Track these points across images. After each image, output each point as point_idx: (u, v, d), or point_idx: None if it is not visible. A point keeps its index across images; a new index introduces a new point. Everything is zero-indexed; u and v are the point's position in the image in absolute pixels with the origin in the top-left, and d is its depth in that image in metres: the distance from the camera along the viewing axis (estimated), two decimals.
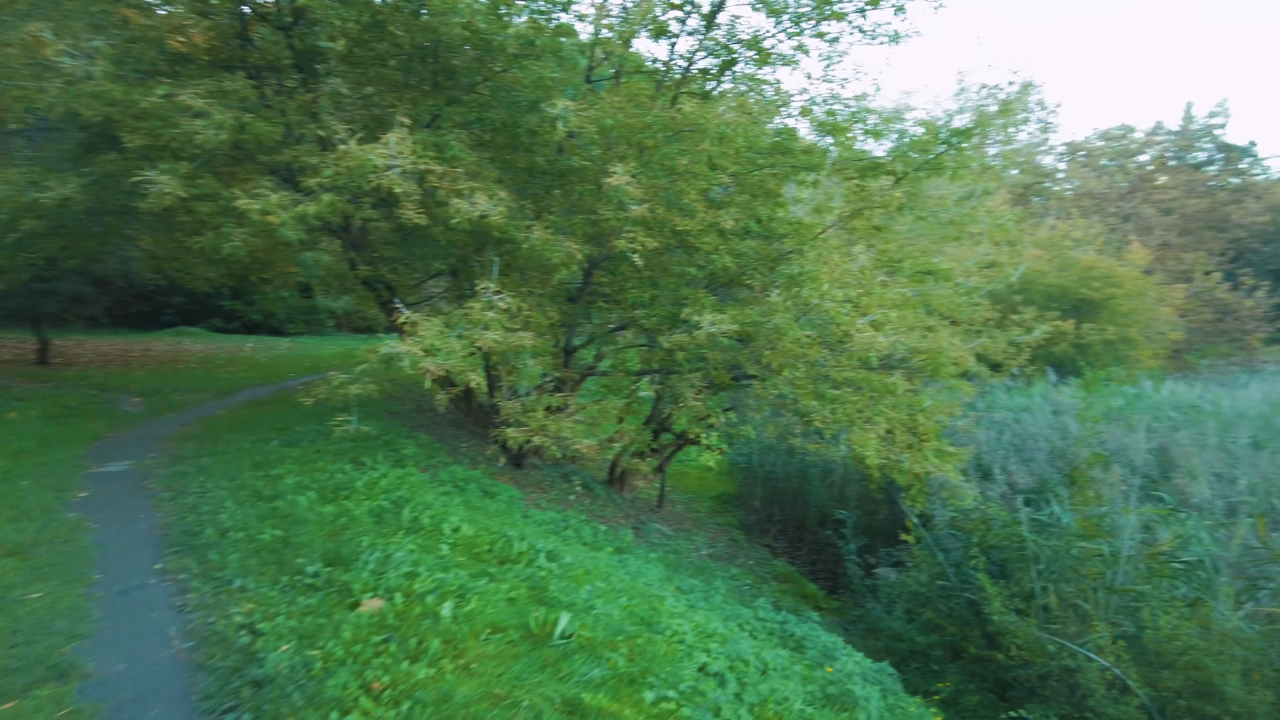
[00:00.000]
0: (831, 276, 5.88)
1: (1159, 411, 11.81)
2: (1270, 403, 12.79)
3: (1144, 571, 4.86)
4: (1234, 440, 10.03)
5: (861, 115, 6.91)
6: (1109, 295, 16.06)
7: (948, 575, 5.96)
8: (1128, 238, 20.51)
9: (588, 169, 6.33)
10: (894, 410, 6.42)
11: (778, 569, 8.94)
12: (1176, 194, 23.38)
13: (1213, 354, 20.10)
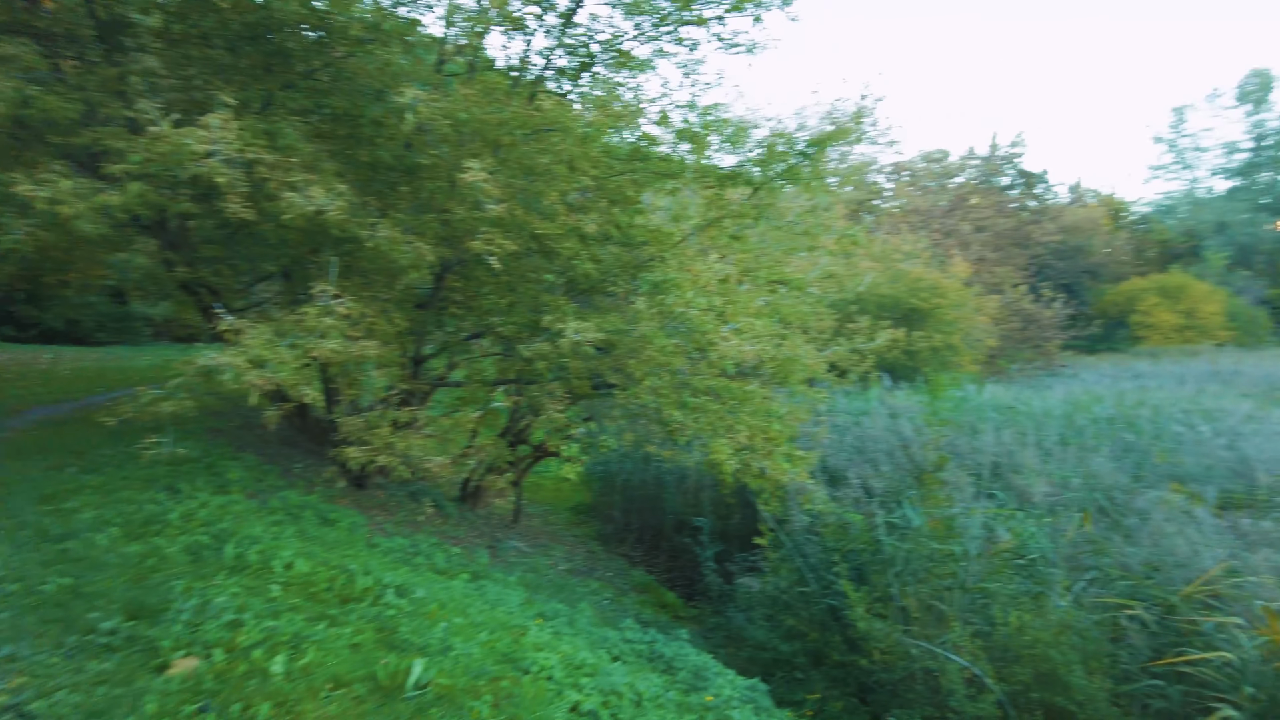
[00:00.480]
0: (695, 285, 5.79)
1: (982, 413, 12.77)
2: (1071, 403, 14.16)
3: (990, 570, 5.05)
4: (1046, 438, 10.97)
5: (720, 124, 6.89)
6: (935, 305, 17.22)
7: (807, 581, 6.00)
8: (950, 252, 22.23)
9: (439, 165, 5.90)
10: (752, 418, 6.44)
11: (636, 579, 8.82)
12: (988, 213, 25.66)
13: (1021, 359, 22.10)
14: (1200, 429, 10.86)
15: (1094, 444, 10.29)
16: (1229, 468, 8.82)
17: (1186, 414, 12.44)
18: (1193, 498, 7.02)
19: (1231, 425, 11.19)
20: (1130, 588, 4.53)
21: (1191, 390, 16.15)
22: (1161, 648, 3.99)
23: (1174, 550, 4.62)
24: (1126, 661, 4.03)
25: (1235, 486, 8.10)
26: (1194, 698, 3.59)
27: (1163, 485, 7.82)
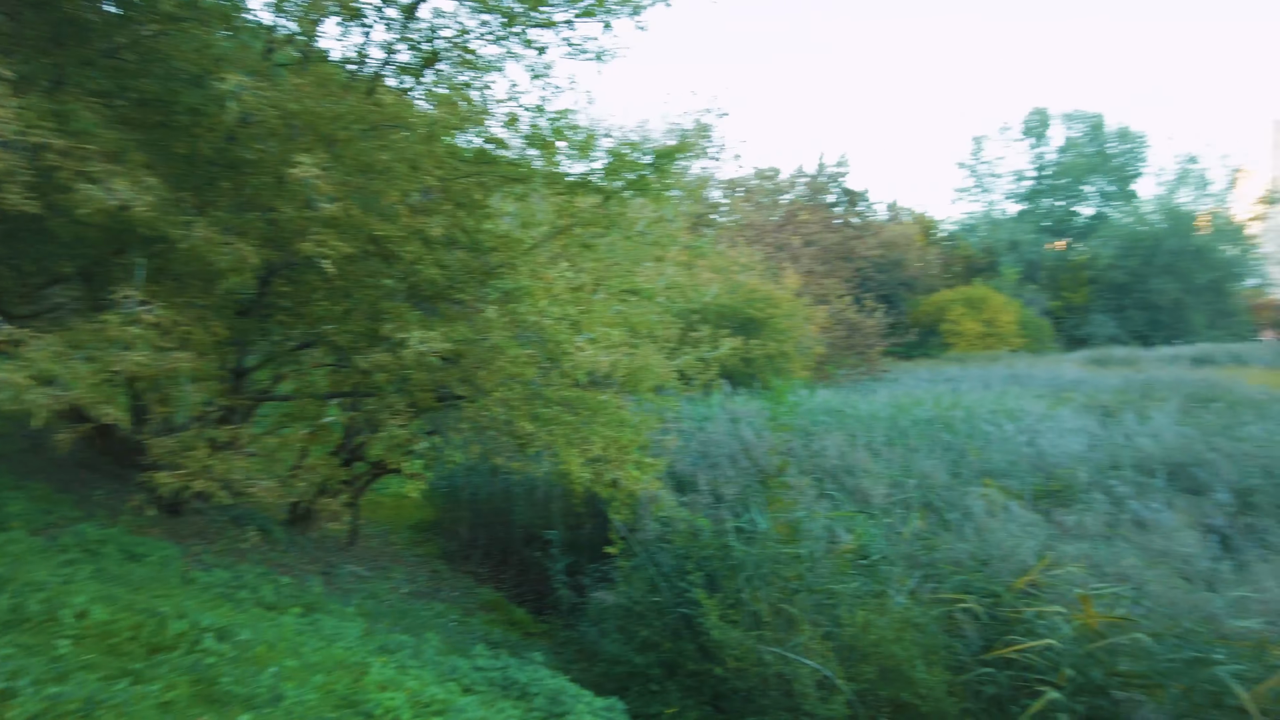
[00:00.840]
0: (548, 293, 5.64)
1: (814, 416, 13.44)
2: (894, 406, 15.19)
3: (835, 571, 5.23)
4: (874, 439, 11.68)
5: (569, 130, 6.78)
6: (770, 315, 17.97)
7: (660, 590, 5.98)
8: (782, 264, 23.34)
9: (266, 160, 5.40)
10: (606, 428, 6.36)
11: (484, 597, 8.51)
12: (816, 229, 27.23)
13: (846, 365, 23.53)
14: (1005, 427, 11.93)
15: (916, 444, 11.06)
16: (1030, 463, 9.72)
17: (993, 414, 13.65)
18: (1008, 493, 7.68)
19: (1030, 424, 12.38)
20: (962, 582, 4.85)
21: (996, 392, 17.76)
22: (992, 637, 4.27)
23: (998, 544, 4.99)
24: (961, 652, 4.28)
25: (1036, 479, 8.95)
26: (1020, 682, 3.86)
27: (977, 481, 8.51)
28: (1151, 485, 8.13)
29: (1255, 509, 7.90)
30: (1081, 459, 9.76)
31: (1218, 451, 9.47)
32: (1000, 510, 6.37)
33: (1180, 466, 9.10)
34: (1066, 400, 15.66)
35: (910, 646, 4.36)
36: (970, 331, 39.03)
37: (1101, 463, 9.61)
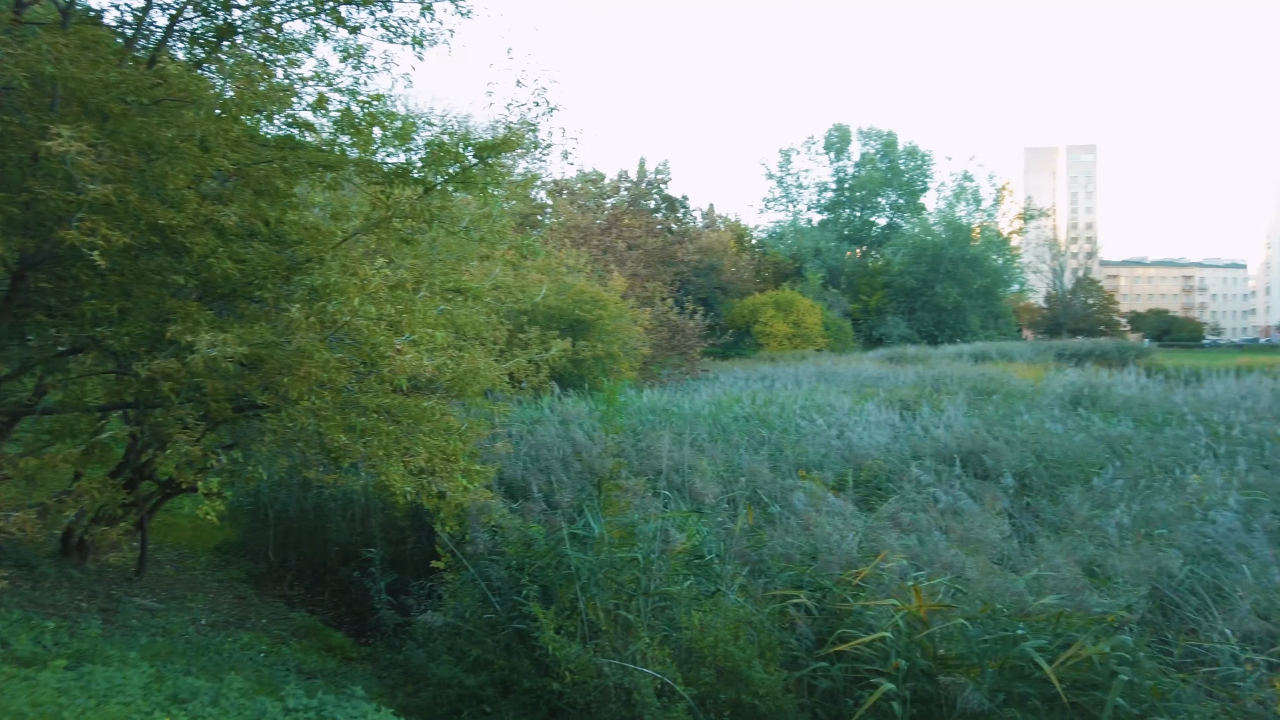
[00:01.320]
0: (363, 291, 5.19)
1: (643, 416, 13.58)
2: (715, 404, 15.69)
3: (670, 573, 5.19)
4: (699, 437, 11.95)
5: (386, 117, 6.33)
6: (597, 316, 18.01)
7: (492, 605, 5.69)
8: (609, 267, 23.52)
9: (17, 132, 4.58)
10: (431, 437, 5.98)
11: (298, 622, 7.80)
12: (639, 233, 27.71)
13: (669, 365, 24.09)
14: (818, 422, 12.61)
15: (738, 440, 11.44)
16: (840, 455, 10.30)
17: (806, 409, 14.43)
18: (822, 483, 8.04)
19: (839, 418, 13.16)
20: (793, 577, 4.96)
21: (806, 389, 18.81)
22: (824, 631, 4.39)
23: (824, 537, 5.16)
24: (795, 648, 4.36)
25: (846, 470, 9.48)
26: (853, 674, 3.98)
27: (794, 474, 8.89)
28: (950, 472, 8.83)
29: (1031, 490, 8.82)
30: (887, 450, 10.49)
31: (1000, 439, 10.49)
32: (821, 502, 6.64)
33: (971, 454, 9.99)
34: (870, 395, 16.85)
35: (747, 646, 4.38)
36: (780, 332, 41.38)
37: (905, 453, 10.37)
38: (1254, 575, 5.31)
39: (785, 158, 72.60)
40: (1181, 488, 7.83)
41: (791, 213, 73.02)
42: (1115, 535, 5.91)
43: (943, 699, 3.52)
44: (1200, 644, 4.46)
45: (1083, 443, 10.35)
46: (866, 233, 70.90)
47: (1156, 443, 10.28)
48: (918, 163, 70.31)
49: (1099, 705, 3.24)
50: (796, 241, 64.37)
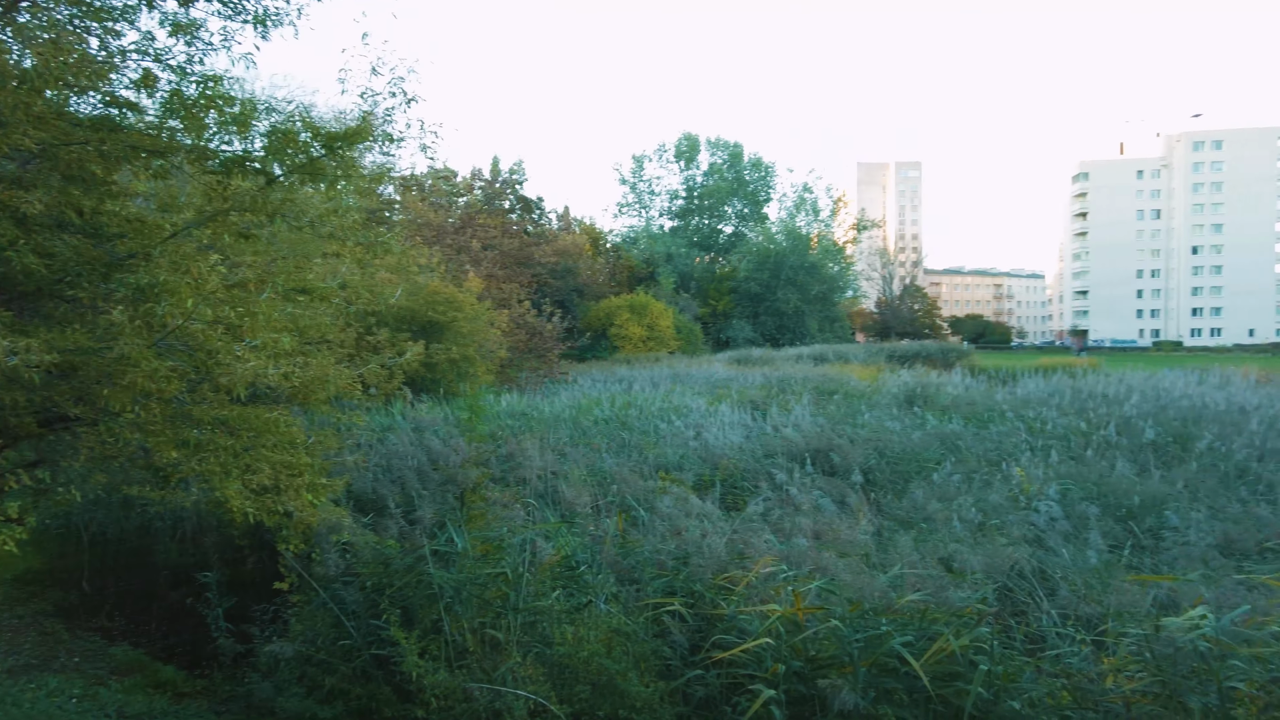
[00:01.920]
0: (199, 291, 4.68)
1: (502, 421, 13.25)
2: (575, 407, 15.59)
3: (541, 587, 5.04)
4: (560, 441, 11.80)
5: (221, 100, 5.76)
6: (452, 318, 17.44)
7: (348, 630, 5.31)
8: (464, 267, 22.84)
9: None
10: (275, 451, 5.50)
11: (119, 658, 6.98)
12: (495, 233, 27.14)
13: (528, 368, 23.74)
14: (675, 424, 12.79)
15: (600, 444, 11.39)
16: (699, 455, 10.48)
17: (664, 411, 14.61)
18: (683, 484, 8.11)
19: (696, 419, 13.42)
20: (665, 584, 4.92)
21: (663, 391, 19.06)
22: (698, 638, 4.37)
23: (694, 541, 5.17)
24: (670, 657, 4.31)
25: (704, 470, 9.65)
26: (730, 680, 3.98)
27: (656, 476, 8.94)
28: (802, 471, 9.17)
29: (877, 486, 9.31)
30: (741, 449, 10.77)
31: (845, 438, 11.03)
32: (685, 504, 6.67)
33: (819, 452, 10.43)
34: (723, 397, 17.29)
35: (622, 658, 4.30)
36: (635, 335, 41.87)
37: (758, 452, 10.68)
38: (1073, 559, 5.84)
39: (638, 164, 73.77)
40: (1007, 480, 8.51)
41: (645, 218, 74.28)
42: (961, 529, 6.32)
43: (817, 700, 3.58)
44: (1034, 628, 4.84)
45: (920, 439, 11.06)
46: (715, 240, 73.28)
47: (984, 438, 11.15)
48: (762, 174, 73.47)
49: (960, 695, 3.41)
50: (650, 246, 65.55)
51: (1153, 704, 3.46)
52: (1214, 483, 8.49)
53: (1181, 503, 7.53)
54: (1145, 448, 10.29)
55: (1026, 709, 3.53)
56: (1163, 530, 6.81)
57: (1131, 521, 7.18)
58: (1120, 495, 7.87)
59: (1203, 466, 9.22)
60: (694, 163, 73.16)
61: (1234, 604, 4.12)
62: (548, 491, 8.13)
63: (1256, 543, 6.48)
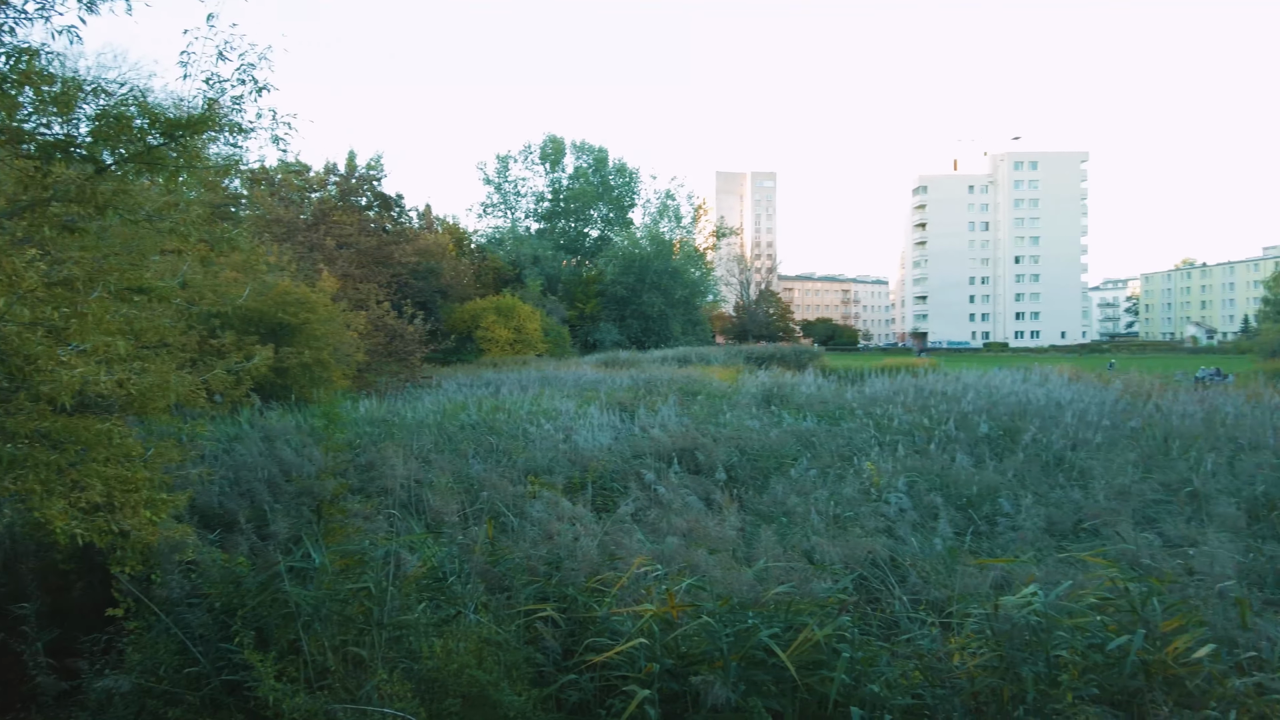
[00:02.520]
0: (13, 289, 4.20)
1: (361, 428, 12.71)
2: (440, 412, 15.19)
3: (406, 600, 4.87)
4: (424, 448, 11.46)
5: (38, 76, 5.21)
6: (305, 320, 16.57)
7: (194, 656, 4.93)
8: (318, 266, 21.70)
9: None
10: (109, 465, 5.03)
11: None
12: (351, 231, 25.96)
13: (388, 372, 22.89)
14: (545, 427, 12.72)
15: (467, 449, 11.16)
16: (568, 458, 10.47)
17: (533, 415, 14.51)
18: (553, 488, 8.07)
19: (565, 422, 13.40)
20: (537, 589, 4.86)
21: (531, 394, 18.93)
22: (572, 642, 4.34)
23: (565, 545, 5.14)
24: (544, 663, 4.26)
25: (575, 473, 9.65)
26: (605, 682, 3.98)
27: (525, 481, 8.84)
28: (669, 470, 9.35)
29: (739, 482, 9.62)
30: (610, 450, 10.86)
31: (709, 437, 11.33)
32: (556, 508, 6.63)
33: (685, 451, 10.67)
34: (592, 399, 17.36)
35: (493, 668, 4.22)
36: (502, 338, 41.35)
37: (626, 453, 10.80)
38: (921, 547, 6.26)
39: (503, 164, 72.87)
40: (859, 474, 9.02)
41: (510, 219, 73.48)
42: (819, 522, 6.64)
43: (689, 697, 3.66)
44: (889, 614, 5.15)
45: (778, 437, 11.52)
46: (581, 243, 73.52)
47: (836, 435, 11.77)
48: (626, 179, 74.40)
49: (825, 683, 3.58)
50: (516, 248, 64.90)
51: (992, 676, 3.76)
52: (1038, 471, 9.35)
53: (1012, 490, 8.25)
54: (980, 441, 11.18)
55: (884, 691, 3.76)
56: (997, 516, 7.43)
57: (971, 509, 7.79)
58: (961, 485, 8.52)
59: (1028, 456, 10.13)
60: (560, 165, 73.07)
61: (1058, 580, 4.55)
62: (412, 501, 7.87)
63: (1074, 523, 7.19)
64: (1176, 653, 3.57)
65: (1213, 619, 4.16)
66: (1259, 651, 3.99)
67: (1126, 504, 7.44)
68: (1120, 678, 3.63)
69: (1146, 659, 3.58)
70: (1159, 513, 7.44)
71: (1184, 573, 4.72)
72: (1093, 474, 8.88)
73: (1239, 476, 8.72)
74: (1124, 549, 4.74)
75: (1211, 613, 4.27)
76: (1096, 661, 3.72)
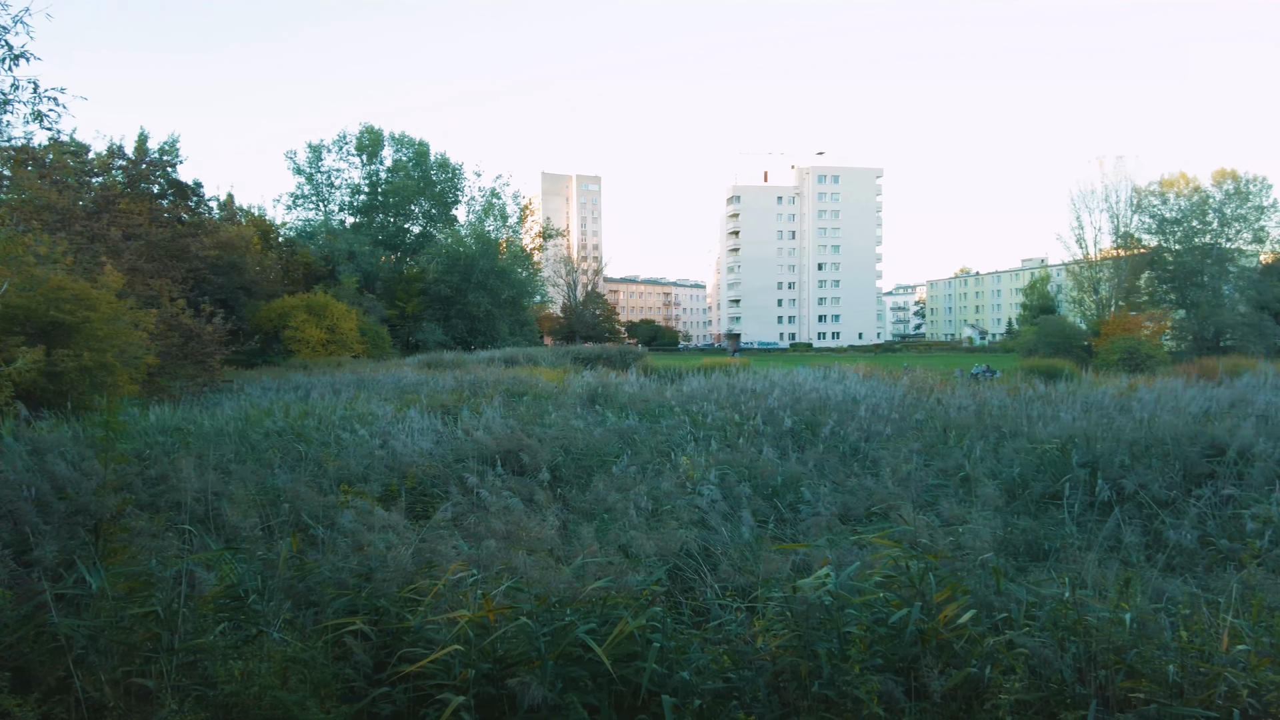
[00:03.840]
0: None
1: (149, 437, 11.59)
2: (242, 419, 14.15)
3: (201, 623, 4.54)
4: (224, 459, 10.65)
5: None
6: (84, 318, 14.88)
7: None
8: (100, 259, 19.43)
9: None
10: None
11: None
12: (141, 221, 23.47)
13: (184, 376, 20.98)
14: (359, 432, 12.19)
15: (272, 458, 10.48)
16: (385, 465, 10.12)
17: (346, 420, 13.85)
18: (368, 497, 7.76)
19: (382, 427, 12.92)
20: (347, 602, 4.67)
21: (345, 398, 18.05)
22: (384, 655, 4.21)
23: (377, 555, 4.96)
24: (354, 678, 4.11)
25: (392, 480, 9.33)
26: (419, 692, 3.90)
27: (336, 490, 8.45)
28: (493, 473, 9.26)
29: (563, 481, 9.71)
30: (431, 455, 10.59)
31: (534, 438, 11.34)
32: (369, 517, 6.39)
33: (510, 453, 10.61)
34: (412, 402, 16.82)
35: (299, 687, 4.02)
36: (314, 338, 39.08)
37: (449, 457, 10.59)
38: (730, 536, 6.63)
39: (315, 153, 68.66)
40: (676, 468, 9.37)
41: (323, 212, 69.38)
42: (637, 516, 6.84)
43: (506, 699, 3.67)
44: (700, 602, 5.42)
45: (601, 436, 11.74)
46: (401, 239, 70.81)
47: (656, 432, 12.16)
48: (449, 175, 72.51)
49: (639, 673, 3.71)
50: (329, 243, 61.34)
51: (792, 655, 4.07)
52: (835, 461, 10.15)
53: (813, 480, 8.90)
54: (785, 434, 11.97)
55: (695, 677, 3.95)
56: (799, 504, 7.99)
57: (776, 498, 8.33)
58: (767, 476, 9.09)
59: (827, 448, 10.97)
60: (378, 158, 69.98)
61: (850, 561, 4.98)
62: (209, 516, 7.31)
63: (866, 508, 7.87)
64: (946, 620, 4.02)
65: (975, 587, 4.70)
66: (1009, 612, 4.56)
67: (909, 489, 8.25)
68: (901, 646, 4.02)
69: (922, 628, 3.99)
70: (936, 496, 8.30)
71: (954, 548, 5.28)
72: (882, 463, 9.76)
73: (1001, 461, 9.92)
74: (906, 530, 5.26)
75: (974, 582, 4.83)
76: (881, 634, 4.10)
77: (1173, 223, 65.98)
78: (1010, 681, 3.73)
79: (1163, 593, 5.17)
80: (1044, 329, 55.03)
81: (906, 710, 3.75)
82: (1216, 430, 9.91)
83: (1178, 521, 7.19)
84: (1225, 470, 8.87)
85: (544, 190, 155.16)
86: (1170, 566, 6.45)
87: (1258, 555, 6.22)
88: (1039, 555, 6.86)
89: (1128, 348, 41.33)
